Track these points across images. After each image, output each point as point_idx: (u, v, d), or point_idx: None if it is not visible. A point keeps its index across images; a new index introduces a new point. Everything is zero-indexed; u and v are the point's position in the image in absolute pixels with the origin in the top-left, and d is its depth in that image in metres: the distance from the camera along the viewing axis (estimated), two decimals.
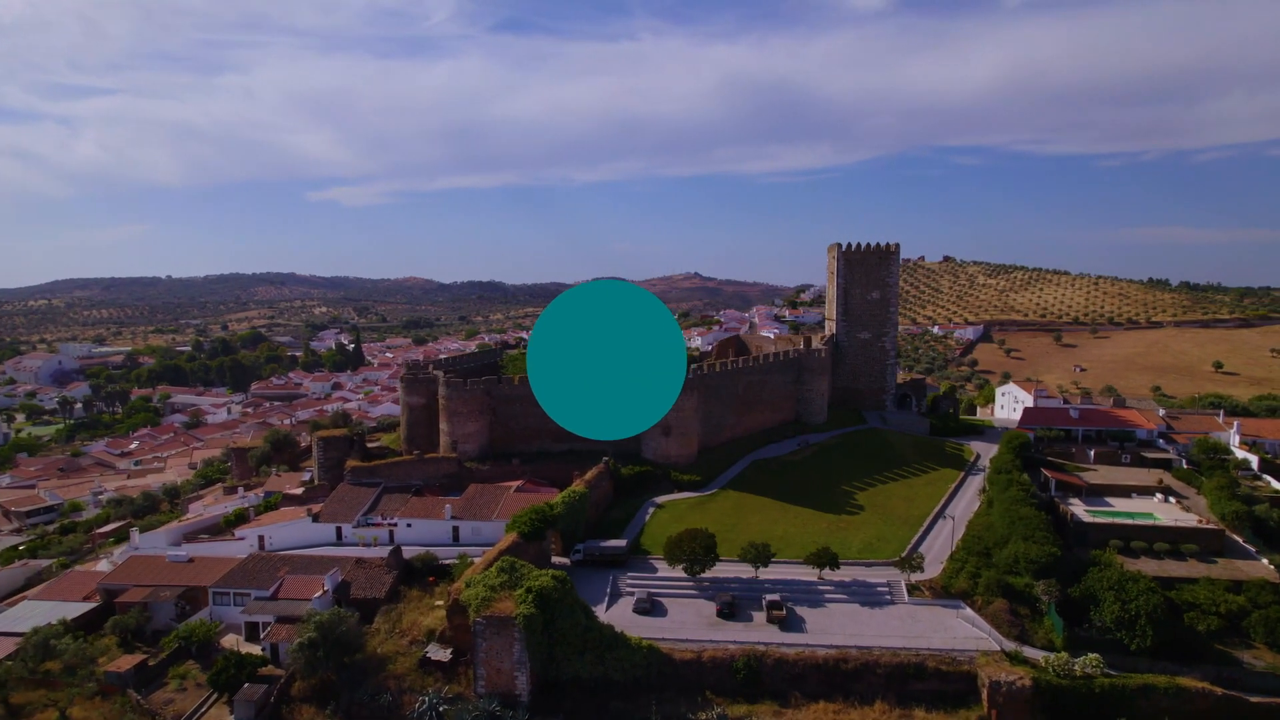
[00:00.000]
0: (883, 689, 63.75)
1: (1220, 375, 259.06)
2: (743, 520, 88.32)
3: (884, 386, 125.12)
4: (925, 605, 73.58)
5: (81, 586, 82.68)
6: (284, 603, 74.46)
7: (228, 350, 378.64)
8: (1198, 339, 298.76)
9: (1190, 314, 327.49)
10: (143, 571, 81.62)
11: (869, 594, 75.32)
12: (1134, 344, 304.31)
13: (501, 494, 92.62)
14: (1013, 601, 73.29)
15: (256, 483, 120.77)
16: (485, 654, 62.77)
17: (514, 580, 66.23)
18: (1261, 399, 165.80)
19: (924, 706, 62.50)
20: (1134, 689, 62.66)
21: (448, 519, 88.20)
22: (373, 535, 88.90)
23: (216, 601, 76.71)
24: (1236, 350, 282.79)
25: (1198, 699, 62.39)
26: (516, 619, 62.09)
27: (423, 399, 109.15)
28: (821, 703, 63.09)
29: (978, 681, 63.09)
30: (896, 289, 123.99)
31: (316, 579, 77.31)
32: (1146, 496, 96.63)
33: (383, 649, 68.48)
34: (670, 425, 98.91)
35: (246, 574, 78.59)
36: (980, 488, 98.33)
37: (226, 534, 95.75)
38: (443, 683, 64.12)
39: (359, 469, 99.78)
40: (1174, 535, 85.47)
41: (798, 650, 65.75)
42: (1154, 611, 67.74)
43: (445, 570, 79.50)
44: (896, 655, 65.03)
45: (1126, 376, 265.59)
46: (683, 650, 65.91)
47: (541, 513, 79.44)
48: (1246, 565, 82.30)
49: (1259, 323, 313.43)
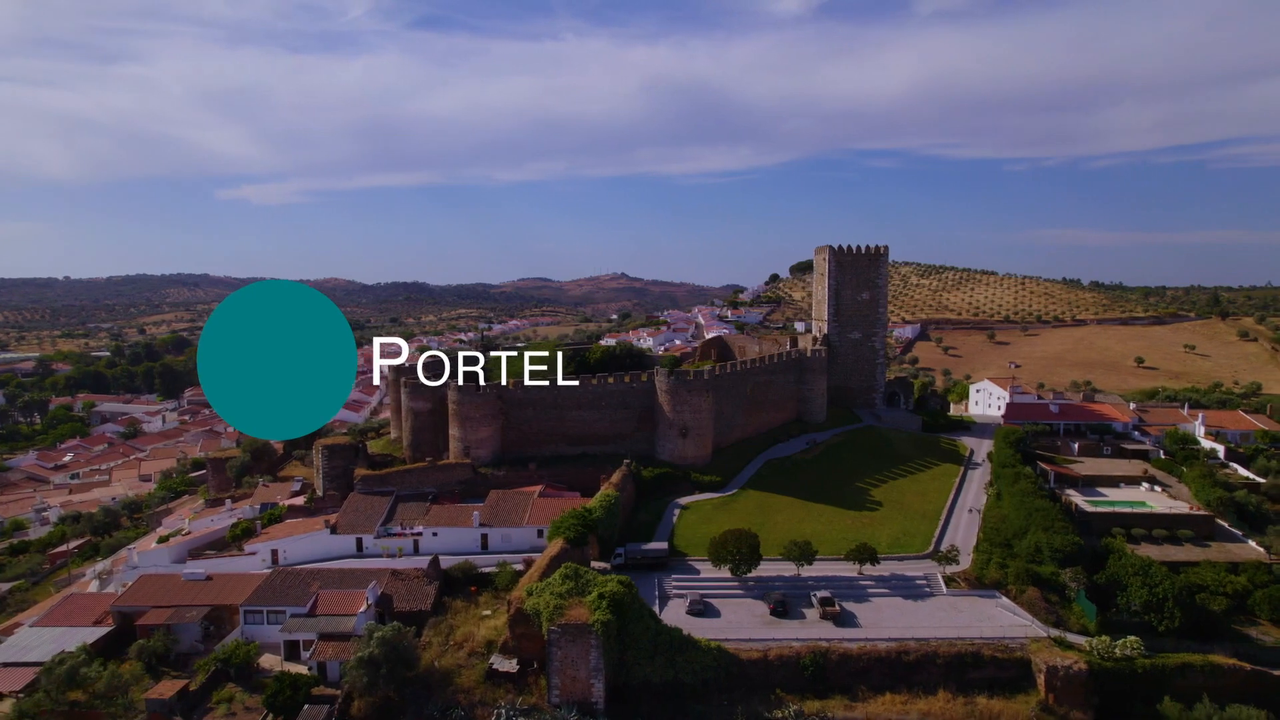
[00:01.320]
0: (943, 678, 65.82)
1: (1142, 370, 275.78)
2: (769, 520, 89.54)
3: (874, 385, 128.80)
4: (963, 596, 76.29)
5: (88, 610, 77.61)
6: (323, 619, 71.73)
7: (152, 355, 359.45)
8: (1119, 335, 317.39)
9: (1110, 312, 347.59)
10: (159, 592, 77.23)
11: (909, 587, 77.65)
12: (1061, 341, 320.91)
13: (526, 500, 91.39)
14: (1042, 590, 76.82)
15: (243, 494, 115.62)
16: (560, 662, 62.00)
17: (581, 587, 65.62)
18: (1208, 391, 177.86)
19: (983, 693, 64.91)
20: (1173, 668, 66.57)
21: (476, 526, 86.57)
22: (397, 546, 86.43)
23: (248, 620, 73.18)
24: (1154, 346, 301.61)
25: (1230, 675, 66.73)
26: (594, 626, 61.55)
27: (428, 404, 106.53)
28: (887, 695, 64.71)
29: (1032, 667, 65.86)
30: (885, 290, 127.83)
31: (354, 593, 74.75)
32: (1133, 486, 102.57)
33: (440, 663, 66.78)
34: (688, 427, 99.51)
35: (276, 591, 75.26)
36: (985, 481, 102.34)
37: (232, 549, 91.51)
38: (514, 694, 63.03)
39: (370, 477, 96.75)
40: (1170, 522, 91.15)
41: (860, 645, 67.29)
42: (1180, 594, 72.23)
43: (486, 579, 78.05)
44: (953, 645, 67.28)
45: (1057, 372, 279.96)
46: (749, 649, 66.57)
47: (582, 517, 78.91)
48: (1237, 548, 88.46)
49: (1170, 320, 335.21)
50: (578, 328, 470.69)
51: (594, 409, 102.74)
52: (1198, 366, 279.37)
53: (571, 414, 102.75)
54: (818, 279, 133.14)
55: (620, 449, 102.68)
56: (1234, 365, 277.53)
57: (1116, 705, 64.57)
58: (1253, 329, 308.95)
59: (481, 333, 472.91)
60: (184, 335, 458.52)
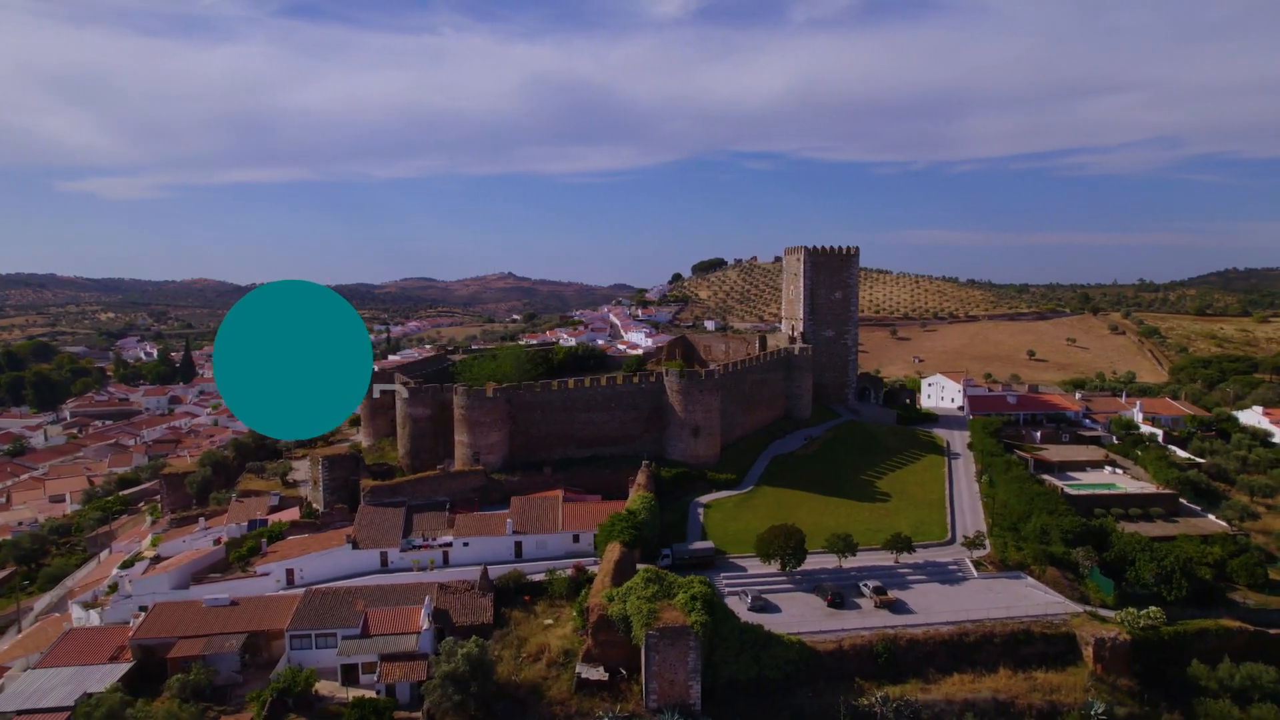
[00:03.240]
0: (1000, 656, 69.81)
1: (1034, 362, 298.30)
2: (792, 515, 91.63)
3: (847, 381, 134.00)
4: (993, 579, 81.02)
5: (96, 645, 70.52)
6: (380, 639, 68.25)
7: (15, 364, 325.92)
8: (1009, 330, 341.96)
9: (998, 309, 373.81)
10: (182, 621, 71.10)
11: (943, 573, 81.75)
12: (958, 336, 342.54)
13: (553, 504, 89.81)
14: (1059, 569, 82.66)
15: (215, 510, 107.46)
16: (659, 666, 61.71)
17: (665, 590, 65.47)
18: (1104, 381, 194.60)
19: (1040, 668, 69.36)
20: (1193, 633, 73.31)
21: (510, 534, 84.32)
22: (428, 559, 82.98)
23: (294, 646, 68.55)
24: (1041, 340, 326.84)
25: (1237, 637, 74.14)
26: (693, 627, 61.63)
27: (429, 410, 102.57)
28: (955, 675, 67.96)
29: (1078, 640, 70.89)
30: (856, 289, 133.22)
31: (405, 610, 71.57)
32: (1098, 469, 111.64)
33: (520, 676, 64.97)
34: (699, 426, 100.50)
35: (319, 612, 70.88)
36: (968, 470, 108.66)
37: (236, 570, 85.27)
38: (609, 702, 62.15)
39: (379, 488, 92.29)
40: (1143, 501, 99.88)
41: (924, 630, 70.39)
42: (1185, 566, 79.52)
43: (539, 588, 76.36)
44: (1005, 625, 71.46)
45: (959, 365, 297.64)
46: (822, 641, 68.36)
47: (630, 520, 78.59)
48: (1201, 522, 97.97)
49: (1051, 315, 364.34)
50: (484, 328, 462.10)
51: (603, 410, 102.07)
52: (1080, 358, 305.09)
53: (581, 416, 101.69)
54: (790, 279, 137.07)
55: (629, 450, 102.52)
56: (1109, 357, 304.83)
57: (1150, 671, 70.47)
58: (1120, 323, 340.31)
59: (384, 334, 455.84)
60: (45, 341, 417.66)
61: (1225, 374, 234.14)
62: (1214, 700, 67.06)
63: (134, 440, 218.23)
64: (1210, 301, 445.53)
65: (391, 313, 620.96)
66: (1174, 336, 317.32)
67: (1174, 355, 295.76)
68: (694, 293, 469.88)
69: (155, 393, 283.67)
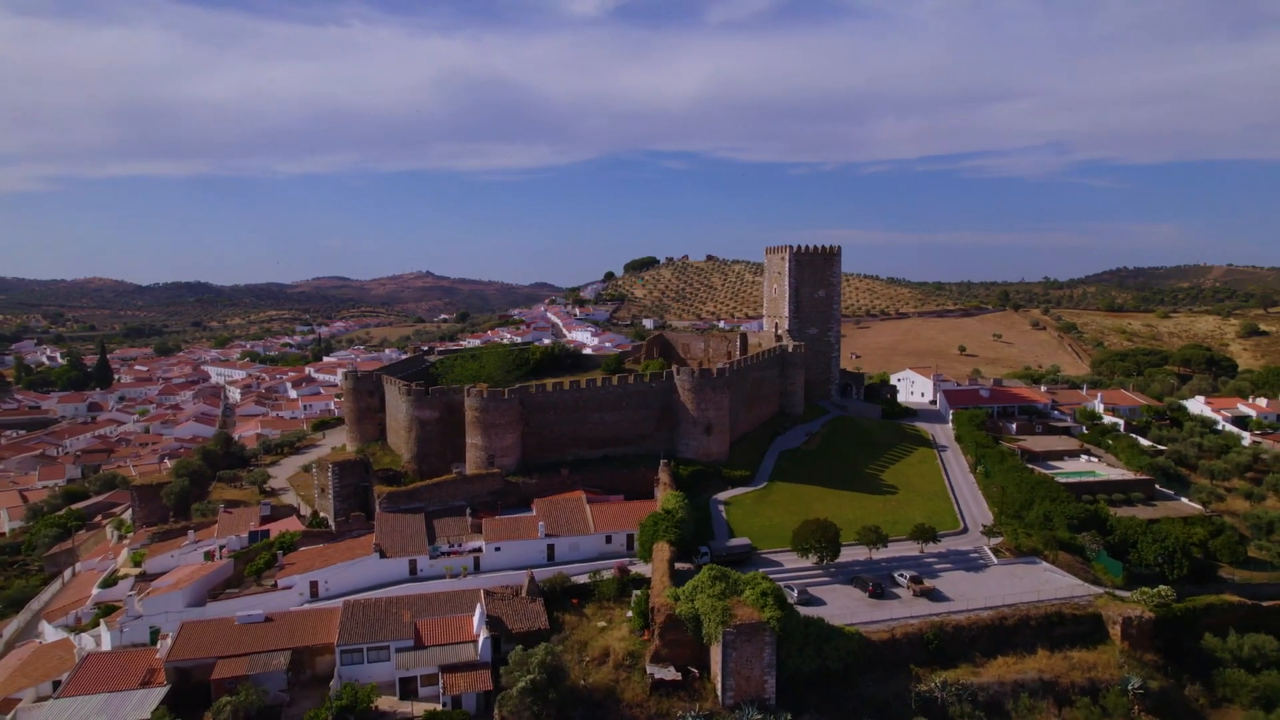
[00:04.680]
0: (1036, 638, 73.24)
1: (965, 357, 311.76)
2: (809, 509, 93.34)
3: (829, 377, 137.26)
4: (1012, 564, 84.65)
5: (121, 669, 65.80)
6: (437, 650, 66.26)
7: None
8: (939, 327, 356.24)
9: (926, 306, 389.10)
10: (216, 640, 67.13)
11: (966, 561, 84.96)
12: (891, 333, 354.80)
13: (577, 506, 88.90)
14: (1069, 553, 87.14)
15: (202, 522, 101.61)
16: (736, 663, 62.11)
17: (732, 587, 65.90)
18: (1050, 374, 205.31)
19: (1073, 648, 73.01)
20: (1201, 609, 78.49)
21: (542, 538, 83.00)
22: (461, 565, 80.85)
23: (345, 661, 65.71)
24: (969, 336, 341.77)
25: (1237, 610, 79.88)
26: (768, 623, 62.28)
27: (436, 412, 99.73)
28: (999, 658, 70.91)
29: (1104, 620, 74.97)
30: (839, 287, 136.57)
31: (457, 619, 69.77)
32: (1074, 458, 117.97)
33: (589, 680, 64.23)
34: (711, 424, 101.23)
35: (366, 625, 68.17)
36: (958, 461, 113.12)
37: (250, 584, 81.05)
38: (687, 701, 62.14)
39: (396, 494, 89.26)
40: (1123, 487, 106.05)
41: (967, 616, 73.07)
42: (1185, 547, 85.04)
43: (584, 590, 75.52)
44: (1038, 608, 74.90)
45: (895, 360, 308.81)
46: (875, 631, 70.15)
47: (671, 519, 78.75)
48: (1176, 505, 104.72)
49: (975, 312, 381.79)
50: (416, 328, 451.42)
51: (615, 410, 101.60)
52: (1007, 353, 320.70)
53: (593, 416, 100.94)
54: (774, 277, 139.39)
55: (640, 450, 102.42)
56: (1034, 351, 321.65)
57: (1168, 646, 75.16)
58: (1041, 319, 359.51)
59: (311, 335, 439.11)
60: None
61: (1141, 367, 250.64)
62: (1230, 670, 72.19)
63: (59, 451, 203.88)
64: (1110, 299, 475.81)
65: (313, 314, 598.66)
66: (1090, 331, 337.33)
67: (1092, 349, 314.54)
68: (629, 291, 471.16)
69: (72, 399, 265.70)
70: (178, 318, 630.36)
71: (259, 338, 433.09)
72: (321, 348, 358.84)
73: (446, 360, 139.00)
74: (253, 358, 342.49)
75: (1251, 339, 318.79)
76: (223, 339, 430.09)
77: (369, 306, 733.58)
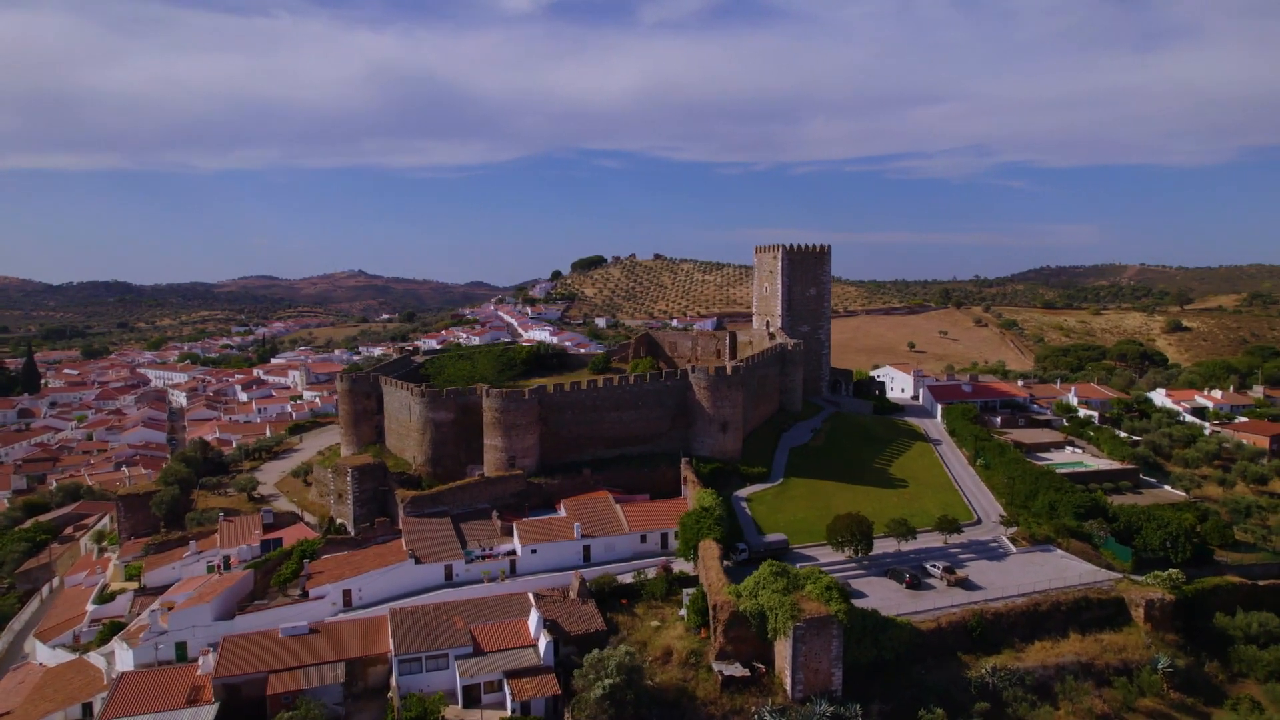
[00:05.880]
0: (1067, 622, 76.22)
1: (914, 353, 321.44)
2: (830, 503, 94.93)
3: (821, 374, 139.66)
4: (1030, 552, 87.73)
5: (160, 688, 62.46)
6: (498, 655, 65.03)
7: None
8: (887, 324, 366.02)
9: (873, 304, 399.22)
10: (264, 655, 64.43)
11: (987, 550, 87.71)
12: (840, 330, 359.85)
13: (605, 506, 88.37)
14: (1078, 540, 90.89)
15: (201, 532, 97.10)
16: (805, 656, 62.80)
17: (793, 583, 66.58)
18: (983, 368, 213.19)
19: (1101, 631, 76.26)
20: (1209, 589, 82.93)
21: (578, 539, 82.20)
22: (499, 569, 79.37)
23: (404, 671, 63.82)
24: (916, 333, 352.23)
25: (1240, 590, 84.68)
26: (836, 616, 63.18)
27: (451, 414, 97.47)
28: (1036, 642, 73.60)
29: (1126, 603, 78.44)
30: (829, 286, 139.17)
31: (512, 623, 68.66)
32: (1060, 450, 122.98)
33: (657, 680, 63.94)
34: (727, 422, 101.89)
35: (415, 634, 66.37)
36: (953, 455, 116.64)
37: (275, 594, 77.92)
38: (759, 696, 62.50)
39: (420, 498, 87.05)
40: (1112, 476, 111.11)
41: (1004, 603, 75.50)
42: (1187, 532, 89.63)
43: (632, 591, 75.17)
44: (1066, 593, 77.94)
45: (847, 357, 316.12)
46: (924, 620, 71.89)
47: (712, 516, 79.11)
48: (1161, 493, 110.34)
49: (920, 310, 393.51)
50: (361, 329, 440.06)
51: (631, 409, 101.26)
52: (953, 349, 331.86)
53: (609, 415, 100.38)
54: (765, 276, 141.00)
55: (655, 448, 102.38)
56: (979, 348, 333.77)
57: (1184, 625, 79.21)
58: (983, 317, 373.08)
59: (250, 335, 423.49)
60: None
61: (1082, 362, 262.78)
62: (1243, 647, 76.54)
63: None
64: (1040, 296, 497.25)
65: (247, 314, 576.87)
66: (1029, 328, 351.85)
67: (1033, 345, 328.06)
68: (579, 290, 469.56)
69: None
70: (99, 318, 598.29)
71: (195, 339, 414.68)
72: (267, 349, 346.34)
73: (437, 361, 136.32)
74: (193, 360, 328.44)
75: (1175, 334, 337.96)
76: (155, 341, 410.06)
77: (305, 306, 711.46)
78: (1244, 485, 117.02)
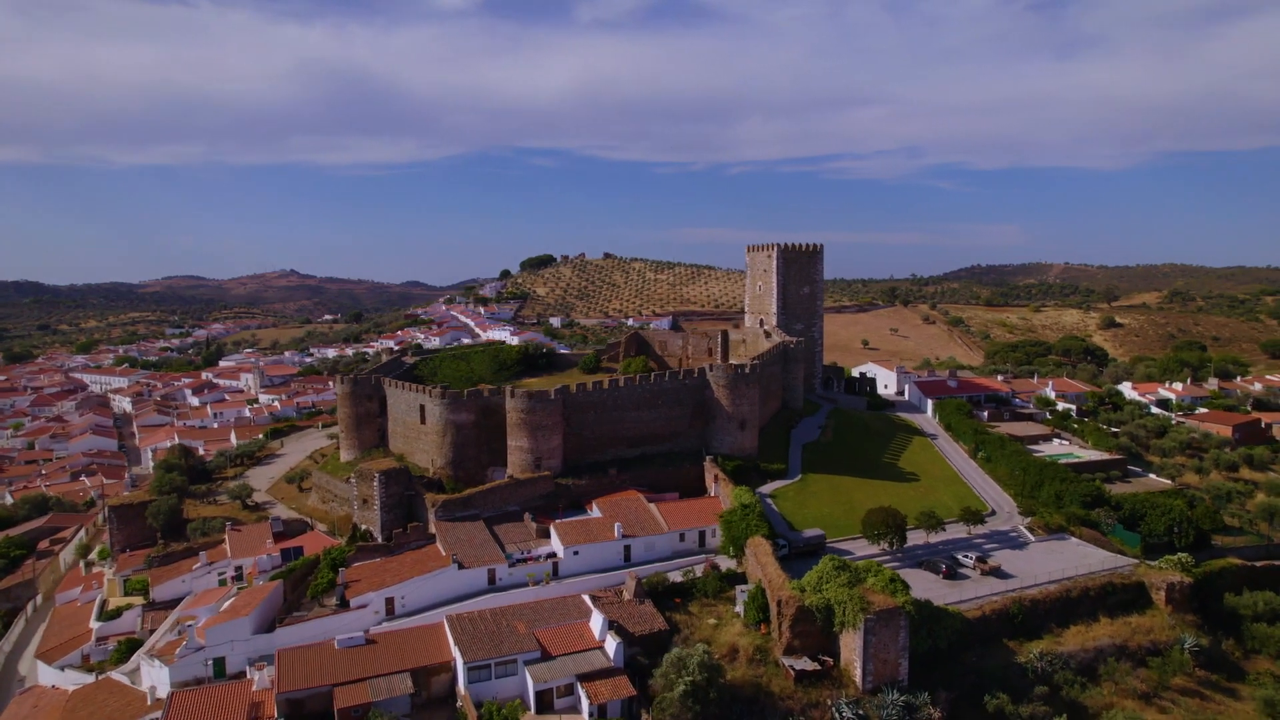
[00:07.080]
0: (1096, 607, 79.33)
1: (868, 350, 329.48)
2: (851, 497, 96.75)
3: (814, 371, 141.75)
4: (1048, 541, 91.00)
5: (216, 707, 59.49)
6: (568, 659, 64.15)
7: None
8: (839, 322, 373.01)
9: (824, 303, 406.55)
10: (324, 668, 62.01)
11: (1008, 540, 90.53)
12: None
13: (640, 506, 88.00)
14: (1088, 528, 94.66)
15: (206, 543, 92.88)
16: (875, 648, 63.77)
17: (855, 577, 67.52)
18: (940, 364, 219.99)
19: (1127, 614, 79.59)
20: (1216, 572, 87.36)
21: (619, 539, 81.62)
22: (544, 572, 78.16)
23: (473, 679, 62.30)
24: (868, 331, 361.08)
25: (1242, 571, 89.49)
26: (904, 607, 64.35)
27: (472, 415, 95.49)
28: (1072, 626, 76.38)
29: (1146, 587, 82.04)
30: (822, 284, 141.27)
31: (575, 626, 67.81)
32: (1048, 442, 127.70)
33: (729, 677, 63.98)
34: (745, 419, 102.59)
35: (479, 641, 64.87)
36: (951, 448, 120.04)
37: (310, 604, 75.10)
38: (833, 689, 63.17)
39: (451, 502, 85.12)
40: (1103, 466, 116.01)
41: (1039, 590, 78.08)
42: (1190, 518, 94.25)
43: (684, 589, 75.04)
44: (1092, 579, 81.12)
45: None
46: (971, 609, 73.80)
47: (754, 512, 79.67)
48: (1148, 481, 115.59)
49: (869, 308, 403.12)
50: (307, 329, 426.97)
51: (652, 408, 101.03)
52: (905, 346, 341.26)
53: (630, 415, 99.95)
54: (759, 275, 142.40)
55: (674, 447, 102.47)
56: (929, 344, 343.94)
57: (1199, 606, 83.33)
58: (930, 314, 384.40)
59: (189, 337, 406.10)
60: None
61: (1030, 357, 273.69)
62: (1255, 624, 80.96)
63: None
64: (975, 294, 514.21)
65: (181, 315, 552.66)
66: (975, 325, 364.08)
67: (980, 342, 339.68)
68: (531, 289, 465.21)
69: None
70: (14, 320, 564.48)
71: (127, 341, 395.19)
72: (211, 351, 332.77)
73: (431, 362, 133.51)
74: (130, 363, 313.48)
75: (1110, 330, 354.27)
76: (84, 344, 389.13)
77: (239, 307, 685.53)
78: (1218, 473, 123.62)
